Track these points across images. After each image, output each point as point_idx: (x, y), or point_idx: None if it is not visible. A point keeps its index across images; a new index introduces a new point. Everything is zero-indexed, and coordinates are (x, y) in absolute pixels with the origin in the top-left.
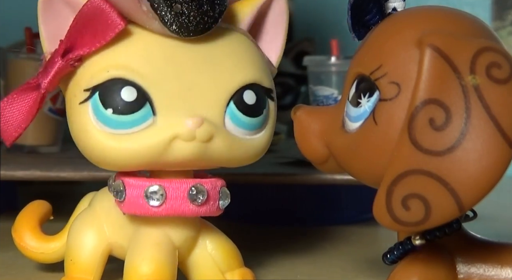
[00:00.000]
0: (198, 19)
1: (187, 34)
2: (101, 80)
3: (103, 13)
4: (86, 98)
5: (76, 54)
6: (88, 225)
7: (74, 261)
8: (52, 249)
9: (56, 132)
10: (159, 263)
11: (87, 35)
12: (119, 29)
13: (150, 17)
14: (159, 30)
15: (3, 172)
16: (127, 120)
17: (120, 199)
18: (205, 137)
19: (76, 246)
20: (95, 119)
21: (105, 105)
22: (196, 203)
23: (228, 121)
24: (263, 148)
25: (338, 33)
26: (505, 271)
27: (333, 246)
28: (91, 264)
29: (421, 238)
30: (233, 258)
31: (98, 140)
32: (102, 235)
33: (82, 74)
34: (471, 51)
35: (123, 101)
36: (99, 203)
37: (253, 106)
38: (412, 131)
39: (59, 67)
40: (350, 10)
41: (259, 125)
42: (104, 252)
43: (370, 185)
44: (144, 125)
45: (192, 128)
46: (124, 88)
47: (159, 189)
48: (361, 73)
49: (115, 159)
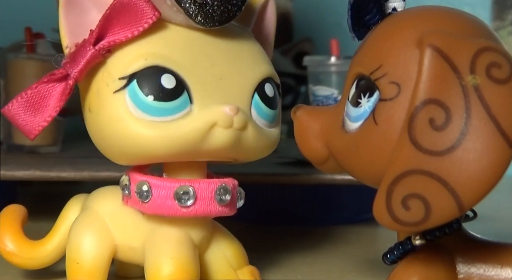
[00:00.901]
0: (222, 9)
1: (213, 24)
2: (139, 68)
3: (137, 4)
4: (122, 87)
5: (109, 42)
6: (92, 227)
7: (80, 264)
8: (42, 253)
9: (56, 132)
10: (185, 262)
11: (119, 25)
12: (153, 19)
13: (175, 11)
14: (185, 23)
15: (3, 172)
16: (167, 107)
17: (144, 200)
18: (241, 125)
19: (81, 248)
20: (133, 107)
21: (145, 92)
22: (222, 203)
23: (254, 111)
24: (277, 141)
25: (338, 33)
26: (505, 271)
27: (333, 246)
28: (98, 266)
29: (421, 238)
30: (241, 256)
31: (135, 129)
32: (107, 237)
33: (115, 63)
34: (471, 51)
35: (163, 88)
36: (99, 204)
37: (272, 98)
38: (412, 131)
39: (91, 55)
40: (350, 10)
41: (276, 117)
42: (111, 254)
43: (370, 185)
44: (183, 113)
45: (231, 114)
46: (164, 75)
47: (190, 190)
48: (361, 73)
49: (153, 148)
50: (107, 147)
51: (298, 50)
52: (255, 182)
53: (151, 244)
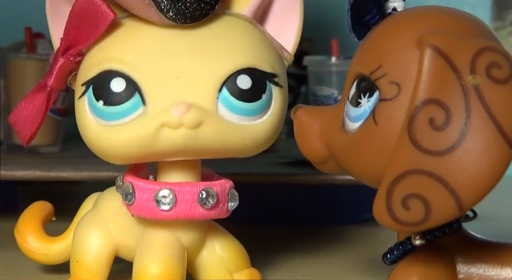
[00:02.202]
0: (195, 6)
1: (184, 21)
2: (94, 74)
3: (94, 6)
4: (83, 93)
5: (74, 50)
6: (94, 226)
7: (80, 262)
8: (56, 250)
9: (56, 132)
10: (169, 264)
11: (83, 30)
12: (109, 20)
13: (146, 4)
14: (155, 17)
15: (3, 172)
16: (117, 111)
17: (129, 202)
18: (192, 123)
19: (82, 247)
20: (90, 112)
21: (97, 97)
22: (206, 207)
23: (221, 106)
24: (268, 134)
25: (338, 33)
26: (505, 271)
27: (333, 246)
28: (97, 265)
29: (421, 238)
30: (241, 259)
31: (94, 132)
32: (108, 236)
33: (81, 70)
34: (471, 51)
35: (112, 92)
36: (104, 204)
37: (249, 90)
38: (412, 131)
39: (60, 64)
40: (350, 10)
41: (259, 110)
42: (111, 253)
43: (370, 185)
44: (134, 115)
45: (178, 115)
46: (113, 80)
47: (169, 194)
48: (361, 73)
49: (110, 151)
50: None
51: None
52: (255, 182)
53: (140, 245)
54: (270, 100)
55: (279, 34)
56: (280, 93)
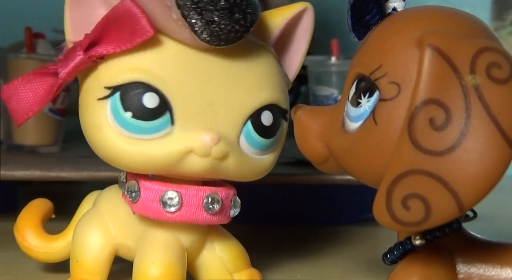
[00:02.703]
0: (229, 28)
1: (218, 43)
2: (124, 81)
3: (134, 17)
4: (105, 96)
5: (99, 52)
6: (94, 226)
7: (80, 262)
8: (56, 248)
9: (56, 132)
10: (169, 265)
11: (114, 35)
12: (148, 36)
13: (180, 25)
14: (189, 39)
15: (3, 172)
16: (145, 126)
17: (133, 200)
18: (220, 155)
19: (82, 247)
20: (112, 119)
21: (125, 107)
22: (210, 212)
23: (242, 139)
24: (270, 167)
25: (338, 33)
26: (505, 271)
27: (333, 246)
28: (97, 265)
29: (421, 238)
30: (241, 259)
31: (112, 140)
32: (108, 235)
33: (104, 70)
34: (471, 51)
35: (144, 106)
36: (104, 203)
37: (269, 127)
38: (412, 131)
39: (79, 60)
40: (350, 10)
41: (271, 146)
42: (111, 253)
43: (370, 185)
44: (160, 134)
45: (209, 145)
46: (147, 94)
47: (176, 196)
48: (361, 73)
49: (127, 162)
50: (93, 148)
51: None
52: (255, 182)
53: (140, 245)
54: (280, 135)
55: (287, 62)
56: (285, 127)
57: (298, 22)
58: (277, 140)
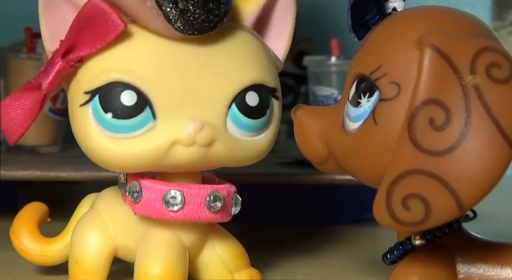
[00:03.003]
0: (204, 17)
1: (192, 32)
2: (101, 84)
3: (103, 14)
4: (86, 101)
5: (76, 55)
6: (93, 227)
7: (79, 263)
8: (53, 251)
9: (56, 132)
10: (170, 265)
11: (87, 36)
12: (119, 30)
13: (154, 13)
14: (163, 28)
15: (3, 172)
16: (126, 124)
17: (135, 200)
18: (205, 142)
19: (81, 248)
20: (95, 122)
21: (104, 109)
22: (213, 210)
23: (230, 123)
24: (267, 147)
25: (338, 33)
26: (505, 271)
27: (333, 246)
28: (96, 266)
29: (421, 238)
30: (241, 259)
31: (98, 142)
32: (107, 237)
33: (83, 75)
34: (471, 51)
35: (123, 105)
36: (103, 204)
37: (256, 107)
38: (412, 131)
39: (59, 68)
40: (350, 10)
41: (262, 126)
42: (110, 254)
43: (370, 185)
44: (144, 129)
45: (192, 133)
46: (124, 92)
47: (178, 195)
48: (361, 73)
49: (115, 162)
50: (83, 150)
51: (298, 50)
52: (255, 182)
53: (141, 245)
54: (271, 114)
55: (273, 42)
56: (278, 106)
57: (275, 2)
58: (269, 119)
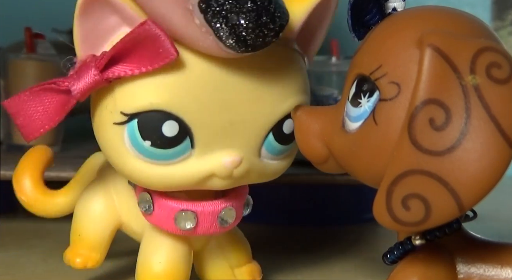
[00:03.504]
0: (257, 32)
1: (245, 49)
2: (141, 109)
3: (157, 39)
4: (122, 122)
5: (117, 73)
6: (99, 202)
7: (82, 236)
8: (56, 204)
9: (56, 132)
10: (174, 264)
11: (134, 56)
12: (171, 59)
13: (203, 31)
14: (213, 47)
15: (3, 172)
16: (165, 154)
17: (146, 211)
18: (241, 175)
19: (85, 221)
20: (130, 145)
21: (143, 136)
22: (225, 226)
23: (263, 150)
24: (282, 171)
25: (338, 33)
26: (505, 271)
27: (333, 246)
28: (99, 241)
29: (421, 238)
30: (244, 254)
31: (130, 163)
32: (113, 213)
33: (120, 94)
34: (471, 51)
35: (163, 136)
36: (111, 181)
37: (290, 134)
38: (412, 131)
39: (94, 80)
40: (350, 10)
41: (289, 150)
42: (113, 230)
43: (370, 185)
44: (181, 158)
45: (230, 168)
46: (166, 123)
47: (191, 216)
48: (361, 73)
49: (148, 182)
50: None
51: None
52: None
53: (147, 240)
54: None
55: (306, 48)
56: None
57: (318, 10)
58: (294, 144)
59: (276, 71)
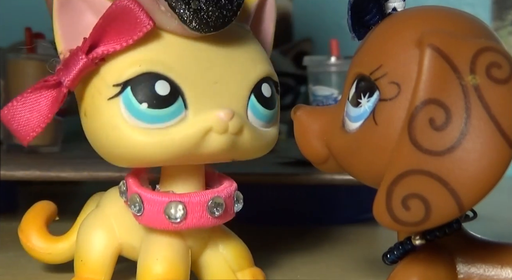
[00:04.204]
0: (217, 14)
1: (208, 30)
2: (132, 75)
3: (132, 12)
4: (116, 93)
5: (101, 52)
6: (98, 226)
7: (84, 261)
8: (60, 249)
9: (56, 132)
10: (172, 263)
11: (113, 33)
12: (147, 29)
13: (168, 16)
14: (179, 29)
15: (3, 172)
16: (162, 114)
17: (137, 213)
18: (236, 129)
19: (86, 246)
20: (128, 114)
21: (139, 99)
22: (215, 215)
23: (250, 113)
24: (274, 140)
25: (338, 33)
26: (505, 271)
27: (333, 246)
28: (101, 264)
29: (421, 238)
30: (244, 258)
31: (130, 136)
32: (112, 235)
33: (108, 70)
34: (471, 51)
35: (157, 95)
36: (108, 203)
37: (270, 98)
38: (412, 131)
39: (83, 64)
40: (350, 10)
41: (274, 116)
42: (115, 253)
43: (370, 185)
44: (177, 119)
45: (225, 120)
46: (158, 82)
47: (179, 206)
48: (361, 73)
49: (149, 154)
50: (104, 151)
51: (298, 50)
52: (255, 182)
53: (145, 244)
54: (277, 107)
55: (262, 40)
56: (278, 100)
57: (264, 5)
58: (277, 111)
59: (241, 43)
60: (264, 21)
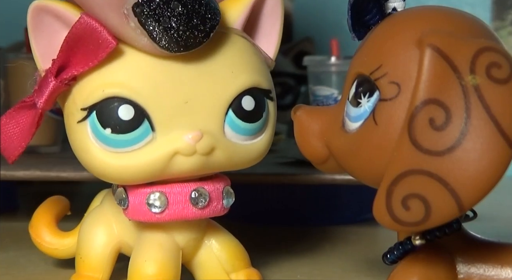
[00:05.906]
0: (188, 34)
1: (177, 49)
2: (96, 100)
3: (94, 32)
4: (83, 118)
5: (69, 74)
6: (98, 224)
7: (83, 259)
8: (66, 245)
9: (56, 132)
10: (162, 264)
11: (80, 54)
12: (111, 48)
13: (138, 33)
14: (149, 47)
15: (3, 172)
16: (126, 139)
17: (123, 206)
18: (205, 150)
19: (86, 244)
20: (94, 138)
21: (103, 125)
22: (199, 206)
23: (228, 129)
24: (265, 149)
25: (338, 33)
26: (505, 271)
27: (333, 246)
28: (100, 262)
29: (421, 238)
30: (239, 259)
31: (99, 158)
32: (111, 233)
33: (78, 92)
34: (471, 51)
35: (120, 120)
36: (108, 202)
37: (252, 111)
38: (412, 131)
39: (53, 87)
40: (350, 10)
41: (259, 128)
42: (114, 250)
43: (370, 185)
44: (144, 142)
45: (192, 143)
46: (121, 107)
47: (160, 196)
48: (361, 73)
49: (117, 176)
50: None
51: (298, 50)
52: (255, 182)
53: (136, 244)
54: (268, 116)
55: (263, 41)
56: (273, 106)
57: (264, 1)
58: (265, 121)
59: (223, 53)
60: (265, 21)
